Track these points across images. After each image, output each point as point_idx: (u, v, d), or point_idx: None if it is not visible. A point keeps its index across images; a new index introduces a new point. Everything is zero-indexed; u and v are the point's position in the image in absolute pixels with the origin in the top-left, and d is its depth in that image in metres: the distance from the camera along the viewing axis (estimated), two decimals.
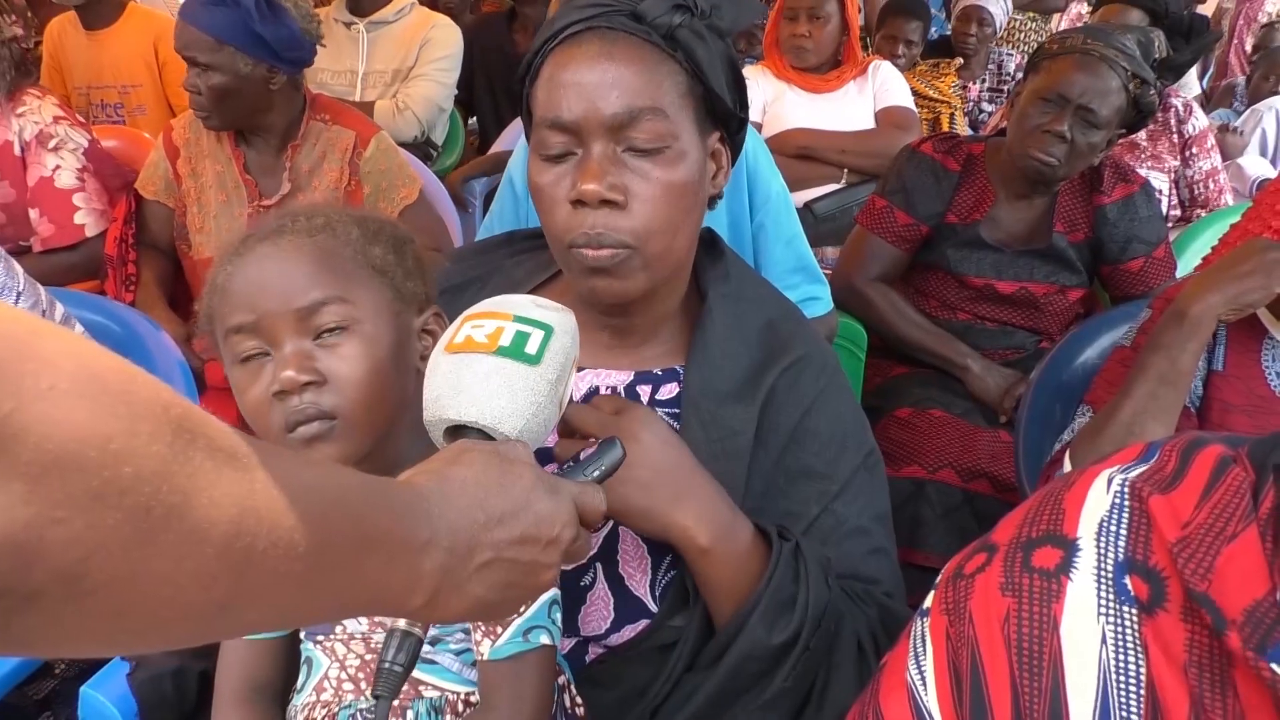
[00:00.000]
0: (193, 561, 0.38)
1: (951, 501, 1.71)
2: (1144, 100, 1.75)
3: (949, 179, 1.92)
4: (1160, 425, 1.19)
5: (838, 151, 2.62)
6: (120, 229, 1.99)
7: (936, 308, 1.99)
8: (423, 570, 0.51)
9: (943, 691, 0.58)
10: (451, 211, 2.28)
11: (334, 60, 2.79)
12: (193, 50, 1.84)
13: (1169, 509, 0.55)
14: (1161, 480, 0.57)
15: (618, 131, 0.82)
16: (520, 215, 1.62)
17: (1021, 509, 0.62)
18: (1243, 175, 3.10)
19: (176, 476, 0.36)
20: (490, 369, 0.65)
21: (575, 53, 0.83)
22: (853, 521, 0.90)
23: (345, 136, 1.99)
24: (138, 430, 0.35)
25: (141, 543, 0.35)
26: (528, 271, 1.00)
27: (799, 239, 1.64)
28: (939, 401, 1.84)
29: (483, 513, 0.56)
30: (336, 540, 0.45)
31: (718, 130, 0.90)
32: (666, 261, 0.87)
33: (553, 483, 0.62)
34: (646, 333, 0.95)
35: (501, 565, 0.56)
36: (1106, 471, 0.60)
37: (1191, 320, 1.18)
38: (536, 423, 0.65)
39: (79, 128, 2.14)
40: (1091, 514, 0.57)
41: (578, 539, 0.62)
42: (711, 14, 0.86)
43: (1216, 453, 0.57)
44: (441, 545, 0.52)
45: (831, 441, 0.92)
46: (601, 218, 0.82)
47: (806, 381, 0.92)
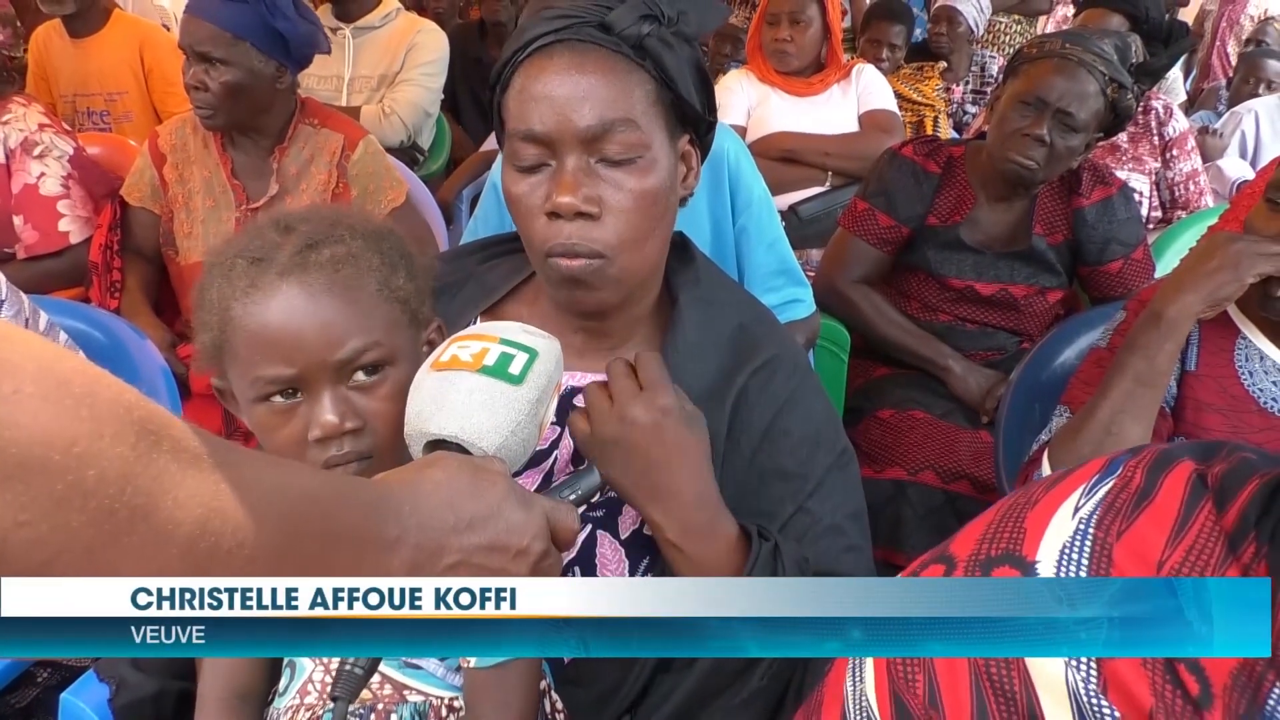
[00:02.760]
0: (157, 562, 0.38)
1: (933, 502, 1.72)
2: (1121, 104, 1.77)
3: (929, 181, 1.94)
4: (1138, 425, 1.20)
5: (821, 155, 2.63)
6: (105, 235, 1.99)
7: (918, 309, 2.00)
8: (390, 567, 0.52)
9: (883, 706, 0.57)
10: (437, 216, 2.29)
11: (320, 65, 2.78)
12: (206, 45, 1.83)
13: (1135, 550, 0.53)
14: (1126, 502, 0.55)
15: (591, 143, 0.83)
16: (505, 218, 1.63)
17: (981, 521, 0.60)
18: (1223, 177, 3.13)
19: (140, 478, 0.37)
20: (473, 386, 0.66)
21: (546, 65, 0.84)
22: (827, 520, 0.91)
23: (333, 140, 1.99)
24: (102, 433, 0.36)
25: (106, 544, 0.36)
26: (500, 276, 1.00)
27: (781, 241, 1.66)
28: (920, 403, 1.86)
29: (453, 515, 0.56)
30: (303, 538, 0.46)
31: (687, 133, 0.92)
32: (639, 269, 0.88)
33: (526, 495, 0.62)
34: (620, 335, 0.96)
35: (469, 569, 0.56)
36: (1072, 497, 0.57)
37: (1168, 321, 1.20)
38: (515, 441, 0.66)
39: (64, 135, 2.14)
40: (1053, 539, 0.55)
41: (548, 555, 0.63)
42: (678, 20, 0.87)
43: (1187, 473, 0.55)
44: (410, 543, 0.53)
45: (804, 441, 0.93)
46: (576, 229, 0.83)
47: (779, 382, 0.94)
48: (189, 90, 1.88)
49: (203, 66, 1.84)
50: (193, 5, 1.88)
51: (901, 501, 1.73)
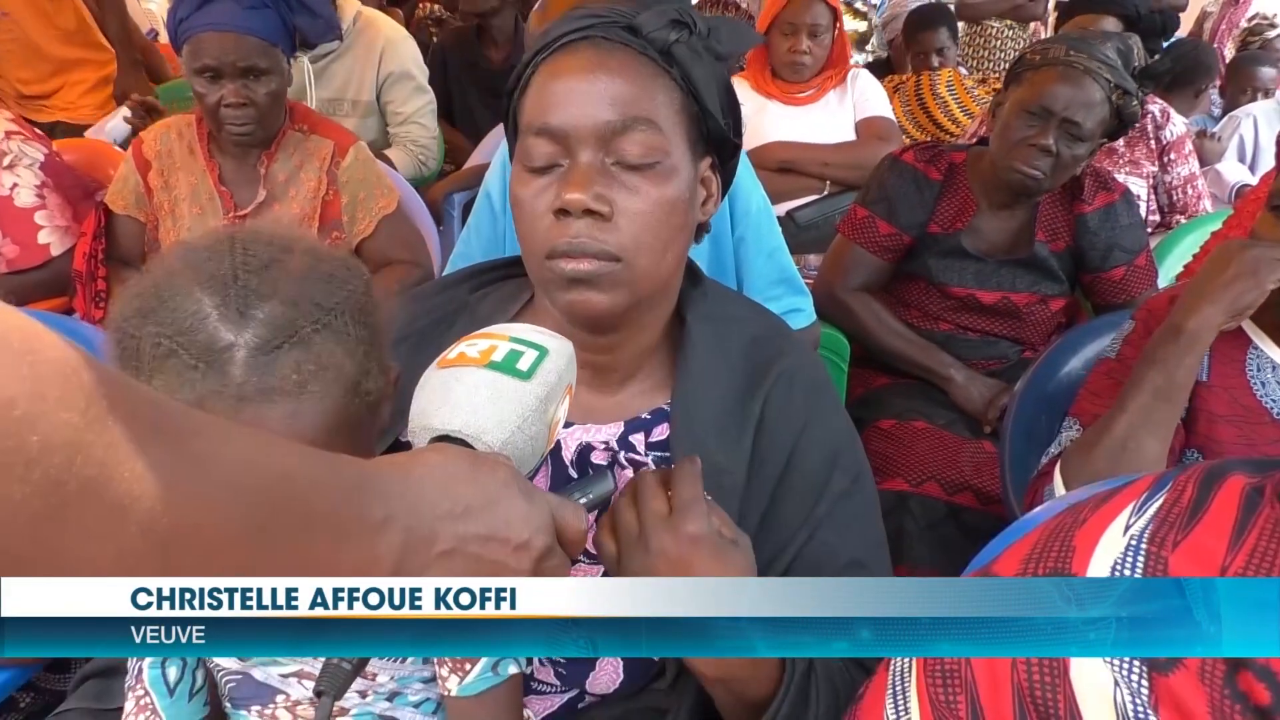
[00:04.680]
0: (114, 540, 0.35)
1: (936, 514, 1.69)
2: (1126, 110, 1.74)
3: (931, 188, 1.91)
4: (1156, 440, 1.17)
5: (820, 164, 2.61)
6: (90, 244, 1.95)
7: (919, 318, 1.98)
8: (379, 550, 0.48)
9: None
10: (429, 223, 2.26)
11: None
12: (252, 58, 1.77)
13: (1194, 558, 0.52)
14: (1179, 515, 0.54)
15: (608, 142, 0.78)
16: (498, 229, 1.60)
17: (1026, 542, 0.59)
18: (1221, 181, 3.12)
19: (93, 447, 0.33)
20: (479, 381, 0.63)
21: (568, 61, 0.80)
22: (846, 554, 0.87)
23: (323, 146, 1.96)
24: (45, 394, 0.32)
25: (54, 518, 0.32)
26: (494, 304, 0.95)
27: (781, 251, 1.63)
28: (922, 412, 1.83)
29: (447, 500, 0.52)
30: (279, 518, 0.43)
31: (710, 156, 0.87)
32: (652, 280, 0.82)
33: (530, 488, 0.58)
34: (629, 369, 0.91)
35: (464, 559, 0.53)
36: (1122, 515, 0.56)
37: (1189, 334, 1.17)
38: (522, 438, 0.63)
39: (34, 141, 2.07)
40: (1104, 556, 0.54)
41: (552, 554, 0.59)
42: (710, 36, 0.83)
43: (1240, 484, 0.54)
44: (399, 525, 0.49)
45: (823, 465, 0.88)
46: (585, 227, 0.77)
47: (797, 403, 0.89)
48: (225, 109, 1.80)
49: (243, 81, 1.78)
50: (218, 22, 1.76)
51: (904, 514, 1.70)
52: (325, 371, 0.68)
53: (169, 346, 0.65)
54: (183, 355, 0.65)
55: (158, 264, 0.70)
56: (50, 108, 2.98)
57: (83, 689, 0.90)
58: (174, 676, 0.79)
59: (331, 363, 0.68)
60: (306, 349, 0.67)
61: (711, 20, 0.84)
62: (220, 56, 1.77)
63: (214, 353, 0.65)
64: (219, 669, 0.79)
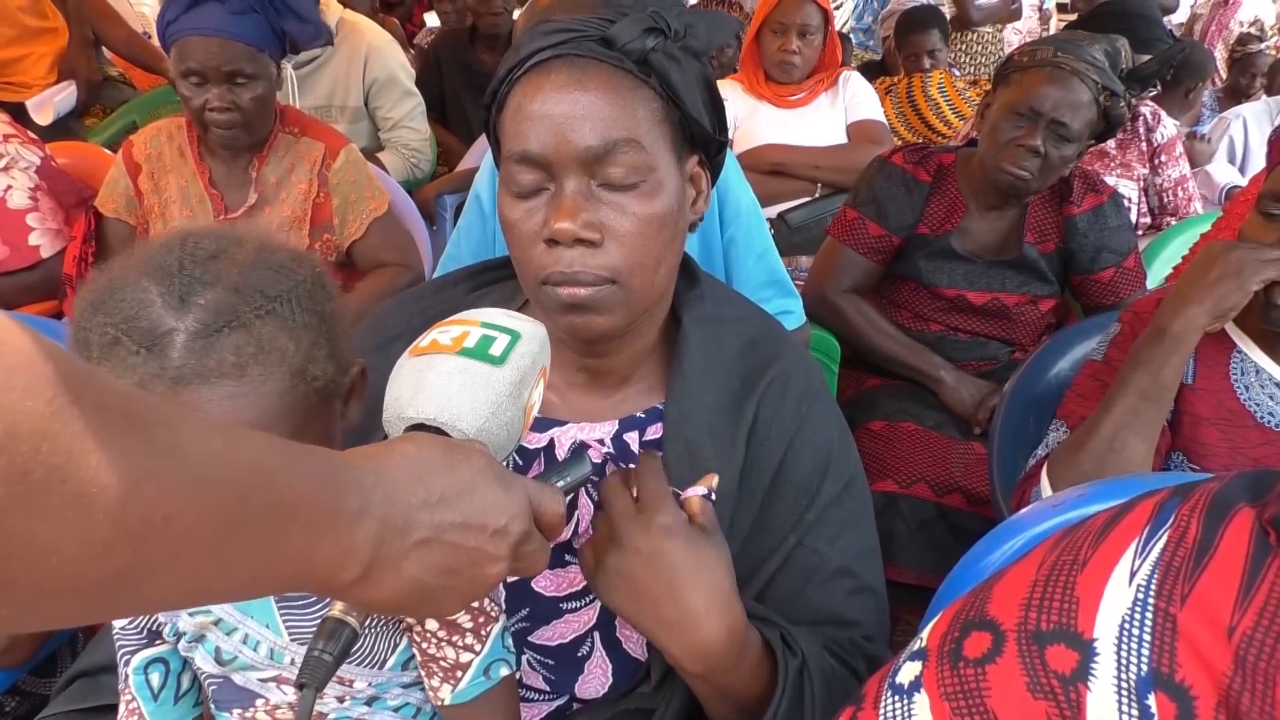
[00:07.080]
0: (81, 529, 0.35)
1: (925, 515, 1.69)
2: (1114, 112, 1.75)
3: (920, 190, 1.91)
4: (1141, 441, 1.18)
5: (811, 167, 2.62)
6: (80, 248, 1.95)
7: (909, 319, 1.98)
8: (354, 540, 0.48)
9: None
10: (420, 225, 2.25)
11: None
12: (238, 63, 1.76)
13: (1203, 615, 0.50)
14: (1184, 559, 0.52)
15: (592, 165, 0.77)
16: (488, 231, 1.60)
17: (1022, 579, 0.56)
18: (1211, 183, 3.13)
19: (59, 436, 0.33)
20: (452, 368, 0.63)
21: (543, 83, 0.78)
22: (835, 561, 0.86)
23: (314, 148, 1.96)
24: (11, 384, 0.32)
25: (19, 508, 0.32)
26: (492, 305, 0.95)
27: (770, 253, 1.64)
28: (912, 414, 1.84)
29: (423, 488, 0.53)
30: (251, 509, 0.42)
31: (696, 153, 0.86)
32: (647, 296, 0.83)
33: (505, 474, 0.58)
34: (624, 371, 0.91)
35: (441, 547, 0.53)
36: (1125, 558, 0.53)
37: (1173, 336, 1.18)
38: (496, 424, 0.63)
39: (30, 145, 2.08)
40: (1110, 612, 0.52)
41: (530, 539, 0.59)
42: (686, 34, 0.81)
43: (1248, 522, 0.51)
44: (375, 515, 0.49)
45: (815, 470, 0.88)
46: (577, 256, 0.77)
47: (790, 407, 0.89)
48: (210, 113, 1.79)
49: (227, 86, 1.77)
50: (203, 26, 1.75)
51: (893, 515, 1.70)
52: (267, 355, 0.67)
53: (114, 335, 0.65)
54: (126, 342, 0.65)
55: (116, 261, 0.71)
56: (12, 85, 2.83)
57: (69, 690, 0.90)
58: (157, 682, 0.79)
59: (274, 347, 0.67)
60: (247, 333, 0.67)
61: (688, 16, 0.83)
62: (205, 61, 1.76)
63: (155, 337, 0.65)
64: (201, 672, 0.79)
